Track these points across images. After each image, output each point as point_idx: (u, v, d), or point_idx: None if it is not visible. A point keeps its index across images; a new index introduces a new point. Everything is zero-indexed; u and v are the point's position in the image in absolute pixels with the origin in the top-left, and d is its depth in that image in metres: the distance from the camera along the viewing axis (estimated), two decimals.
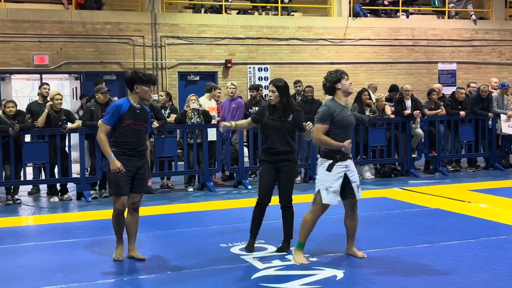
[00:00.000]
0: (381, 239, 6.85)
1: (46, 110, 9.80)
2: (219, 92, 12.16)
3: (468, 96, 12.94)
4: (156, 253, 6.51)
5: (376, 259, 6.05)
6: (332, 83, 5.91)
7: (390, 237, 6.95)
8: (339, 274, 5.54)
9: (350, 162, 5.95)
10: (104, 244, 6.99)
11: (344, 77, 5.91)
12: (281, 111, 6.23)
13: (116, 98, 11.03)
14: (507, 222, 7.64)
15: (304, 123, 6.21)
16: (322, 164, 5.92)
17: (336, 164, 5.85)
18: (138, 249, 6.31)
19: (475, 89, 13.34)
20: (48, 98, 10.22)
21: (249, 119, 6.61)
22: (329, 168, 5.84)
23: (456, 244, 6.56)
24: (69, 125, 10.01)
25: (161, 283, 5.43)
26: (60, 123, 9.79)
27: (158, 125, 10.10)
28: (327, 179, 5.85)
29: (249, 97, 12.24)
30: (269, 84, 6.39)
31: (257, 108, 9.97)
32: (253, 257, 6.14)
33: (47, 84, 10.74)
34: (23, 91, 20.91)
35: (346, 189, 5.91)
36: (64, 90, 17.44)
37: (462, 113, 12.33)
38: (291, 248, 6.17)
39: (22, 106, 11.29)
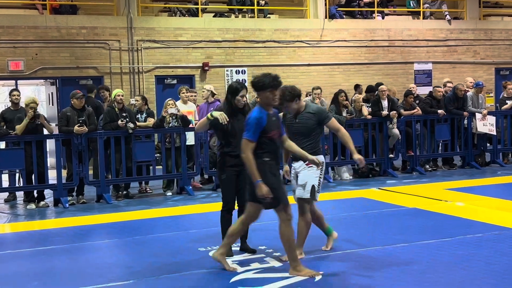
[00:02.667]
0: (359, 239, 6.89)
1: (26, 120, 9.67)
2: (195, 95, 12.08)
3: (445, 95, 13.06)
4: (134, 258, 6.48)
5: (353, 259, 6.08)
6: None
7: (368, 237, 6.99)
8: (317, 275, 5.55)
9: (300, 164, 6.12)
10: (82, 250, 6.95)
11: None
12: (243, 112, 6.25)
13: (90, 108, 10.90)
14: (483, 220, 7.74)
15: None
16: None
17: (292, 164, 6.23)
18: (116, 255, 6.24)
19: (451, 88, 13.47)
20: (24, 105, 10.10)
21: (206, 120, 6.36)
22: None
23: (433, 243, 6.62)
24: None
25: None
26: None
27: (133, 126, 10.18)
28: None
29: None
30: (237, 89, 6.23)
31: None
32: (232, 261, 6.13)
33: (17, 90, 10.56)
34: None
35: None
36: (40, 95, 17.31)
37: (440, 111, 12.44)
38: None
39: None
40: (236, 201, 6.38)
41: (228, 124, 6.18)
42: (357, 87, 15.07)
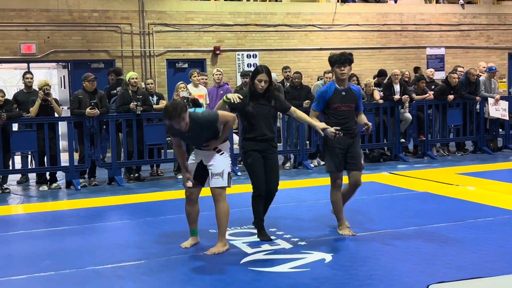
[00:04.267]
0: (369, 223, 6.90)
1: (38, 100, 9.74)
2: (205, 78, 12.09)
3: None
4: (145, 239, 6.53)
5: (364, 242, 6.10)
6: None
7: (379, 220, 7.00)
8: (327, 257, 5.58)
9: (209, 152, 5.90)
10: (93, 231, 7.01)
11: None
12: (267, 97, 6.18)
13: (102, 91, 10.93)
14: (494, 204, 7.70)
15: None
16: None
17: (193, 151, 6.04)
18: (128, 236, 6.28)
19: (462, 73, 13.38)
20: (37, 88, 10.15)
21: (222, 102, 6.21)
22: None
23: (444, 227, 6.62)
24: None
25: (150, 269, 5.45)
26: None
27: (142, 109, 10.22)
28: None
29: (238, 83, 12.22)
30: (257, 71, 6.13)
31: None
32: (242, 242, 6.17)
33: (30, 73, 10.61)
34: (11, 81, 20.80)
35: (207, 177, 5.99)
36: (52, 79, 17.37)
37: (450, 97, 12.37)
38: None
39: (11, 96, 11.22)
40: (271, 184, 6.24)
41: (246, 105, 6.10)
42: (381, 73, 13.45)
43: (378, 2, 18.29)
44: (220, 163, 5.89)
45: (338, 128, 6.08)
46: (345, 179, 6.55)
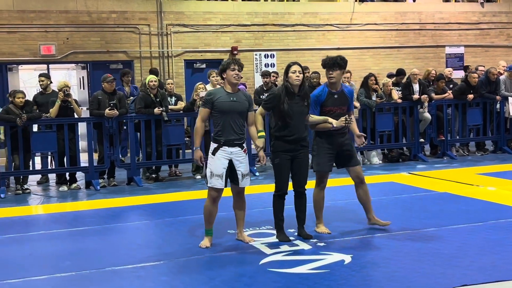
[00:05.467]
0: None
1: (57, 101, 9.82)
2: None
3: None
4: (164, 240, 6.56)
5: (383, 243, 6.06)
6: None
7: (398, 221, 6.94)
8: (347, 258, 5.56)
9: (237, 150, 6.01)
10: (113, 232, 7.05)
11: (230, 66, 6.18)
12: (302, 96, 6.15)
13: (121, 92, 10.97)
14: None
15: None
16: (211, 148, 6.07)
17: (221, 149, 5.98)
18: (147, 236, 6.28)
19: (483, 72, 13.26)
20: (56, 89, 10.23)
21: (261, 109, 6.27)
22: (214, 152, 6.01)
23: (464, 228, 6.56)
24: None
25: (170, 269, 5.47)
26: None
27: (160, 110, 10.20)
28: (211, 163, 6.01)
29: (255, 84, 12.19)
30: (288, 65, 6.17)
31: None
32: (261, 243, 6.17)
33: (42, 76, 10.62)
34: (30, 82, 20.97)
35: (233, 176, 6.07)
36: (71, 80, 17.49)
37: (470, 96, 12.26)
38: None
39: (31, 97, 11.32)
40: (298, 183, 6.27)
41: (281, 104, 6.07)
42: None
43: (397, 1, 18.18)
44: (247, 164, 6.12)
45: (347, 118, 6.29)
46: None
